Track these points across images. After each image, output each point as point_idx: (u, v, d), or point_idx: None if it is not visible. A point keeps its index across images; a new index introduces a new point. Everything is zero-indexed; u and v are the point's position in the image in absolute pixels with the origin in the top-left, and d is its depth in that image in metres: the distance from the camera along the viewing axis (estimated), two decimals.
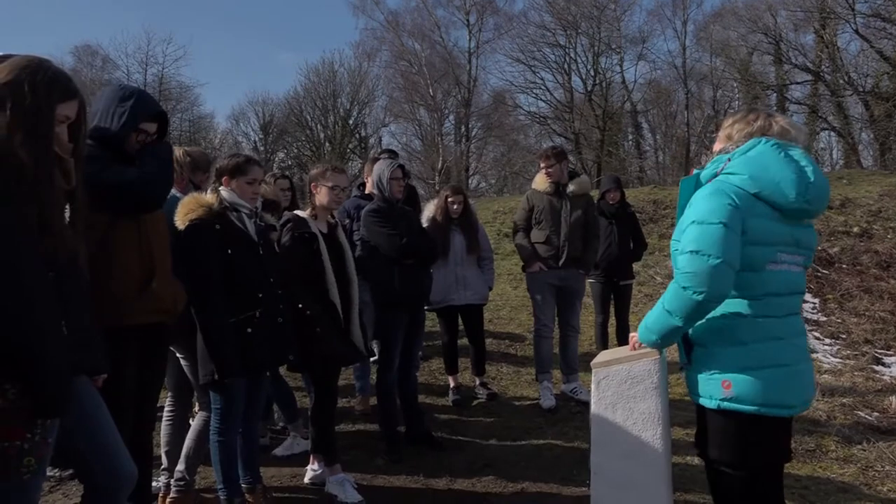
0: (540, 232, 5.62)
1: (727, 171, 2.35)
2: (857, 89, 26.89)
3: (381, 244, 4.43)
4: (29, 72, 1.93)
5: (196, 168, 3.95)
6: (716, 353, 2.35)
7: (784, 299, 2.34)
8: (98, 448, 2.22)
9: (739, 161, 2.34)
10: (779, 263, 2.31)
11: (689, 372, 2.46)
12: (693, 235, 2.25)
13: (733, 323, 2.32)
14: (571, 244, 5.55)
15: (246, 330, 3.25)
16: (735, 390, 2.28)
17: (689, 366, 2.46)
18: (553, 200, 5.61)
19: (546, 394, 5.56)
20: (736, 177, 2.32)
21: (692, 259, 2.22)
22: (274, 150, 36.27)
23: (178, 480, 3.53)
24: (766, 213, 2.28)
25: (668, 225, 12.52)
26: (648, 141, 35.95)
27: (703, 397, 2.38)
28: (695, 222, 2.27)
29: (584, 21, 32.91)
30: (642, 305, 8.80)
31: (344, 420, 5.09)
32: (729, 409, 2.31)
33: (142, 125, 2.90)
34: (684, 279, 2.25)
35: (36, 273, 1.84)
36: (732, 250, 2.21)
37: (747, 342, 2.30)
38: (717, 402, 2.32)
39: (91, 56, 34.09)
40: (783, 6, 27.96)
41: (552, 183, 5.62)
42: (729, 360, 2.31)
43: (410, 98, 34.30)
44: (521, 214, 5.79)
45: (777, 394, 2.27)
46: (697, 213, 2.28)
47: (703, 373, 2.38)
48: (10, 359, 1.79)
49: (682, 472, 4.09)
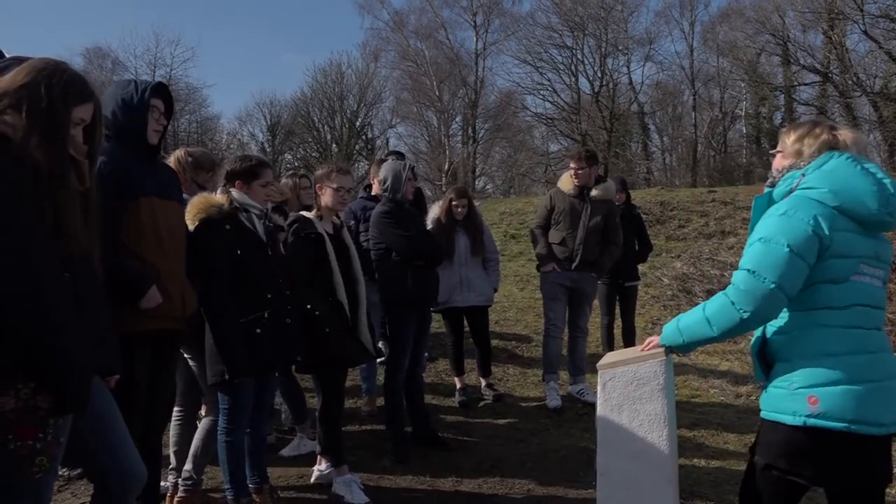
0: (557, 233, 5.64)
1: (804, 187, 2.26)
2: (866, 90, 26.78)
3: (396, 245, 4.44)
4: (46, 74, 1.96)
5: (199, 168, 3.98)
6: (801, 367, 2.22)
7: (869, 311, 2.25)
8: (109, 448, 2.24)
9: (816, 175, 2.25)
10: (861, 275, 2.24)
11: (768, 387, 2.32)
12: (755, 253, 2.20)
13: (821, 334, 2.22)
14: (587, 248, 5.54)
15: (255, 330, 3.27)
16: (822, 406, 2.14)
17: (767, 381, 2.33)
18: (575, 203, 5.61)
19: (552, 394, 5.57)
20: (815, 191, 2.23)
21: (748, 278, 2.18)
22: (281, 152, 36.35)
23: (186, 480, 3.56)
24: (847, 227, 2.21)
25: (675, 227, 12.51)
26: (655, 142, 35.88)
27: (786, 414, 2.22)
28: (761, 240, 2.21)
29: (591, 22, 32.84)
30: (649, 307, 8.80)
31: (351, 421, 5.11)
32: (815, 426, 2.15)
33: (152, 101, 2.94)
34: (735, 295, 2.20)
35: (54, 271, 1.87)
36: (792, 277, 2.15)
37: (837, 354, 2.18)
38: (803, 419, 2.17)
39: (101, 58, 34.24)
40: (791, 7, 27.87)
41: (577, 186, 5.63)
42: (816, 374, 2.18)
43: (417, 99, 34.33)
44: (542, 213, 5.81)
45: (868, 410, 2.12)
46: (766, 231, 2.22)
47: (786, 388, 2.23)
48: (30, 356, 1.81)
49: (687, 473, 4.09)
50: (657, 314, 8.64)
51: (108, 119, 2.82)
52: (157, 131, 3.00)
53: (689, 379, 6.32)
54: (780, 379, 2.26)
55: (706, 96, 33.03)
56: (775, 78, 30.59)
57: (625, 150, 33.66)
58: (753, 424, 5.07)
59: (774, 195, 2.35)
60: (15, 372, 1.82)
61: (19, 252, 1.78)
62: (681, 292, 9.47)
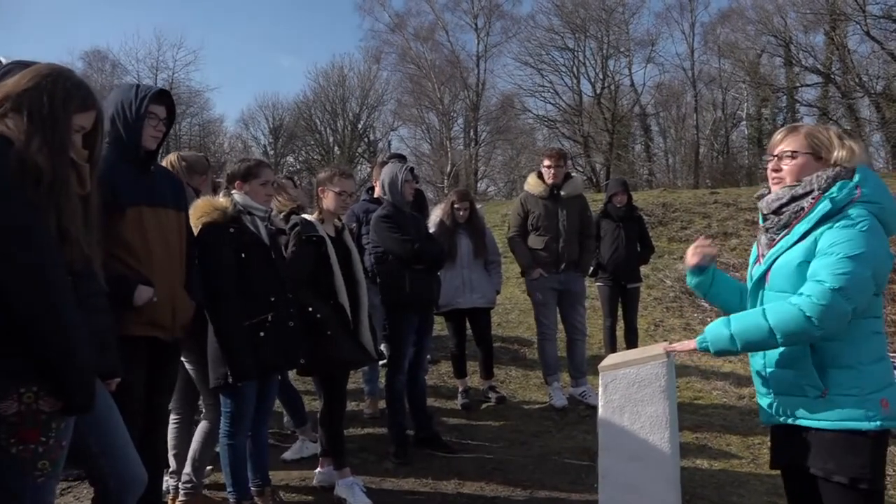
0: (539, 238, 5.63)
1: (865, 200, 2.18)
2: (868, 91, 26.77)
3: (393, 249, 4.45)
4: (50, 80, 1.97)
5: (192, 171, 3.99)
6: (869, 373, 2.19)
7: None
8: (109, 451, 2.25)
9: (873, 189, 2.19)
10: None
11: (831, 398, 2.21)
12: (844, 271, 2.09)
13: (876, 340, 2.24)
14: (570, 248, 5.58)
15: (258, 333, 3.27)
16: (894, 407, 2.17)
17: (828, 391, 2.22)
18: (549, 205, 5.62)
19: (557, 393, 5.58)
20: (874, 206, 2.18)
21: (833, 297, 2.08)
22: (283, 154, 36.44)
23: (186, 483, 3.56)
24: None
25: (678, 228, 12.49)
26: (658, 144, 35.88)
27: (860, 420, 2.16)
28: (849, 257, 2.10)
29: (593, 24, 32.89)
30: (651, 309, 8.79)
31: (353, 423, 5.11)
32: (885, 429, 2.17)
33: (151, 108, 2.93)
34: (813, 310, 2.09)
35: (60, 274, 1.88)
36: (867, 299, 2.14)
37: (885, 357, 2.24)
38: (879, 423, 2.15)
39: (101, 61, 34.36)
40: (793, 7, 27.88)
41: (548, 186, 5.63)
42: (881, 378, 2.19)
43: (419, 102, 34.38)
44: (516, 220, 5.79)
45: None
46: (856, 247, 2.10)
47: (855, 395, 2.18)
48: (40, 360, 1.83)
49: (689, 475, 4.08)
50: (660, 316, 8.63)
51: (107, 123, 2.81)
52: (155, 137, 2.98)
53: (691, 381, 6.31)
54: (847, 386, 2.18)
55: (709, 98, 33.05)
56: (777, 79, 30.59)
57: (627, 151, 33.67)
58: (756, 426, 5.08)
59: (837, 200, 2.19)
60: (17, 376, 1.83)
61: (38, 269, 1.80)
62: (683, 294, 9.45)
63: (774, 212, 2.33)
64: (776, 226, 2.31)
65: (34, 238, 1.81)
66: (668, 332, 8.06)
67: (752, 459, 4.53)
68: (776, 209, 2.32)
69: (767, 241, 2.36)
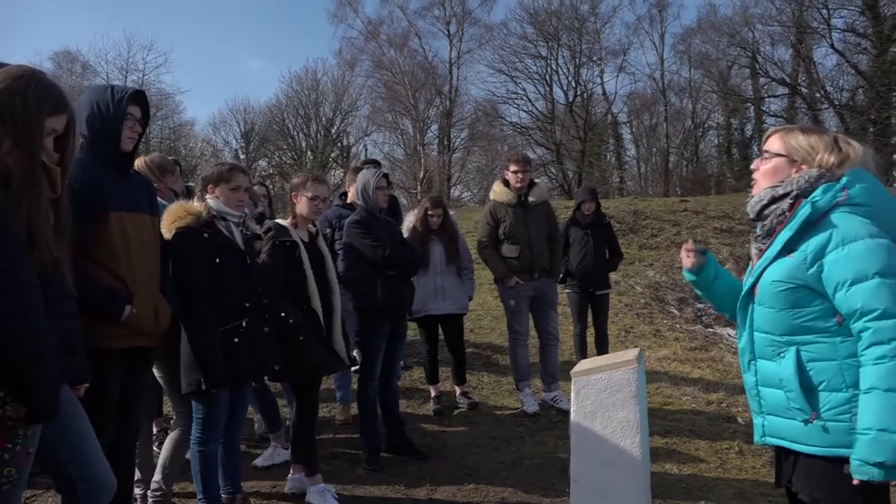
0: (512, 247, 5.66)
1: (852, 203, 2.05)
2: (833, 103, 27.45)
3: (366, 255, 4.44)
4: (22, 83, 1.95)
5: (164, 171, 3.98)
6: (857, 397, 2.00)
7: None
8: (78, 457, 2.22)
9: (861, 190, 2.06)
10: None
11: (822, 422, 2.05)
12: (888, 293, 1.92)
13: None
14: (542, 255, 5.66)
15: (233, 340, 3.24)
16: None
17: (817, 415, 2.06)
18: (518, 213, 5.67)
19: (528, 399, 5.61)
20: (861, 208, 2.05)
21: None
22: (255, 159, 36.12)
23: (155, 491, 3.51)
24: None
25: (648, 235, 12.66)
26: (630, 152, 36.32)
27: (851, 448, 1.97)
28: (881, 277, 1.94)
29: (565, 33, 33.25)
30: (622, 315, 8.88)
31: (325, 429, 5.08)
32: None
33: (128, 110, 2.89)
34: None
35: (30, 278, 1.85)
36: None
37: None
38: None
39: (70, 62, 33.74)
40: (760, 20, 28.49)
41: (517, 193, 5.68)
42: None
43: (393, 108, 34.37)
44: (486, 230, 5.80)
45: None
46: (882, 266, 1.95)
47: (848, 421, 1.99)
48: (5, 367, 1.79)
49: (660, 480, 4.13)
50: (630, 322, 8.72)
51: (83, 125, 2.78)
52: (132, 139, 2.95)
53: (661, 386, 6.38)
54: (837, 411, 2.03)
55: (679, 107, 33.57)
56: (746, 90, 31.20)
57: (599, 159, 34.01)
58: (725, 431, 5.17)
59: (819, 204, 2.07)
60: None
61: (6, 273, 1.78)
62: (653, 300, 9.58)
63: (759, 216, 2.23)
64: (763, 233, 2.22)
65: (2, 241, 1.79)
66: (638, 338, 8.14)
67: (721, 464, 4.60)
68: (759, 212, 2.23)
69: (756, 251, 2.26)
